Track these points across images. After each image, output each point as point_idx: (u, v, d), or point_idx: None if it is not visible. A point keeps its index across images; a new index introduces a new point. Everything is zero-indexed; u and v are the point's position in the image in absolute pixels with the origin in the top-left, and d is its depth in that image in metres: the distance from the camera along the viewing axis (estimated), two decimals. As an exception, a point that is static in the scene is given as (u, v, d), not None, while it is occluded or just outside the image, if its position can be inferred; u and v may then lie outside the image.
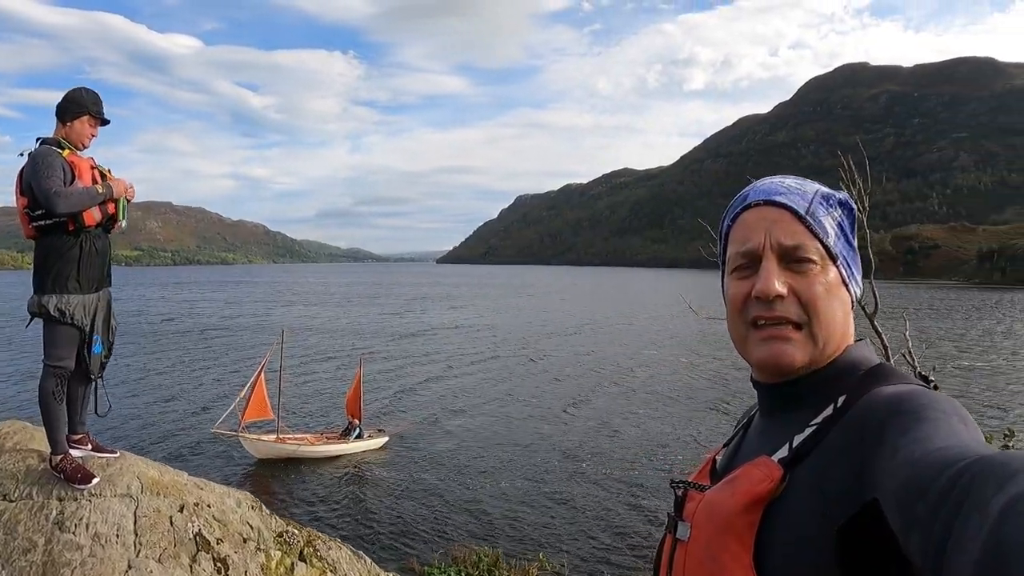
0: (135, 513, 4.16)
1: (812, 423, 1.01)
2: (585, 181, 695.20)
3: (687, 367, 36.47)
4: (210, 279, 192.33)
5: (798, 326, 1.06)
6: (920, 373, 1.10)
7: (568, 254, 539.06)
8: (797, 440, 1.00)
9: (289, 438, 21.52)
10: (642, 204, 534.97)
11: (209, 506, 4.65)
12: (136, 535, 4.04)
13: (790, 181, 1.15)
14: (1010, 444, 7.64)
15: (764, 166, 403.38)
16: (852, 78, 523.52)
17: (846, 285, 1.09)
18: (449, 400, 28.61)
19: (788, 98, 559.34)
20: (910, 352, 8.00)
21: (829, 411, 1.01)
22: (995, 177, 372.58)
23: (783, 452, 1.01)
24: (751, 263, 1.10)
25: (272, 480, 19.28)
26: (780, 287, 1.06)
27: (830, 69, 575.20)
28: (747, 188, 1.17)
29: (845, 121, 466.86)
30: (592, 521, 16.51)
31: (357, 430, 21.99)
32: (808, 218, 1.08)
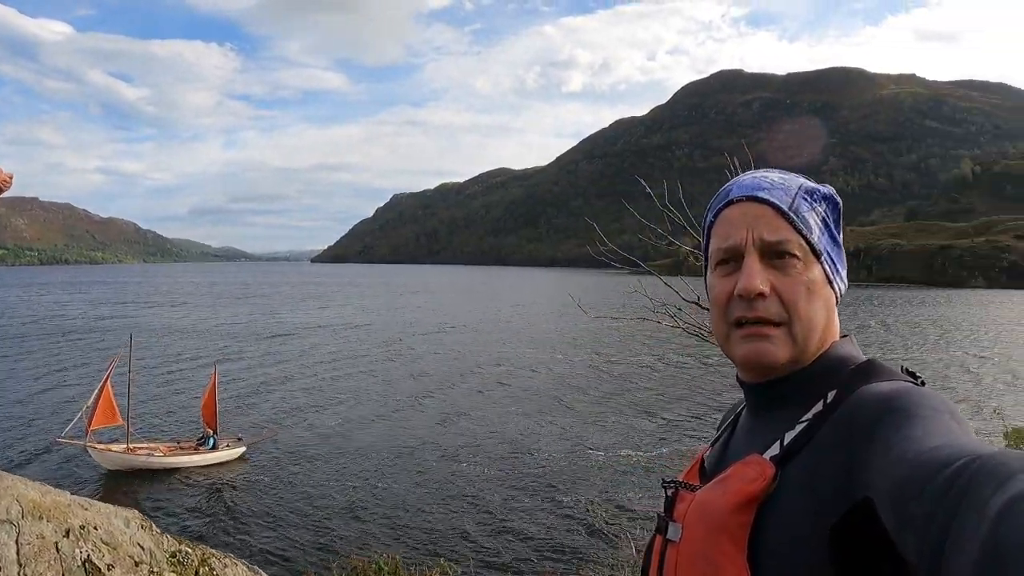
0: (17, 541, 3.81)
1: (803, 420, 0.99)
2: (462, 180, 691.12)
3: (558, 363, 36.27)
4: (78, 279, 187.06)
5: (779, 324, 1.04)
6: (907, 369, 1.05)
7: (444, 253, 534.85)
8: (788, 437, 0.98)
9: (140, 448, 20.69)
10: (518, 204, 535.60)
11: (96, 528, 4.33)
12: (20, 566, 3.70)
13: (774, 176, 1.12)
14: None
15: (639, 167, 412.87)
16: (727, 84, 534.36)
17: (830, 282, 1.07)
18: (315, 403, 27.83)
19: (664, 101, 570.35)
20: None
21: (819, 407, 0.99)
22: (862, 181, 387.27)
23: (774, 450, 0.99)
24: (734, 260, 1.08)
25: (144, 493, 18.41)
26: (762, 285, 1.03)
27: (706, 75, 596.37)
28: (730, 183, 1.15)
29: (719, 126, 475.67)
30: (478, 519, 16.40)
31: (211, 440, 21.15)
32: (791, 214, 1.05)
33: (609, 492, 17.19)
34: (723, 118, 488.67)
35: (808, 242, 1.05)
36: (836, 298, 1.09)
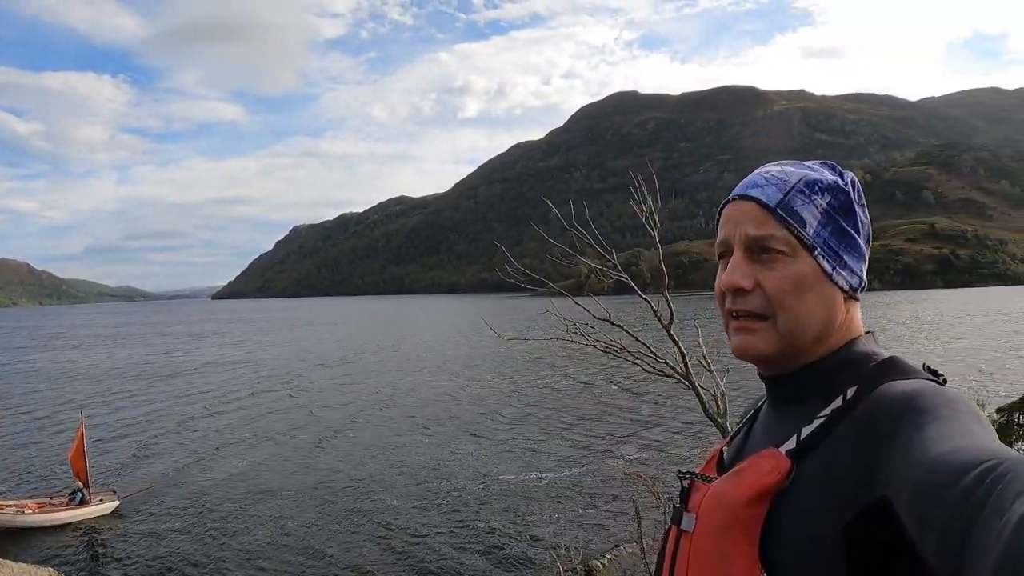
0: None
1: (820, 415, 0.99)
2: (361, 210, 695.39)
3: (467, 388, 35.75)
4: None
5: (764, 317, 1.05)
6: (928, 367, 1.04)
7: (346, 284, 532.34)
8: (805, 432, 0.98)
9: (7, 505, 19.20)
10: (418, 231, 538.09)
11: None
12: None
13: (775, 170, 1.13)
14: None
15: (538, 190, 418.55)
16: (622, 106, 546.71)
17: (829, 276, 1.06)
18: (209, 445, 26.16)
19: (561, 125, 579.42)
20: (704, 357, 8.96)
21: (838, 403, 0.99)
22: None
23: (790, 444, 0.99)
24: (727, 255, 1.11)
25: (35, 551, 17.21)
26: (741, 280, 1.06)
27: (601, 97, 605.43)
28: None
29: (615, 146, 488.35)
30: (386, 556, 15.84)
31: (80, 494, 19.57)
32: (778, 210, 1.06)
33: (521, 517, 16.97)
34: (619, 139, 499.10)
35: (797, 237, 1.05)
36: (845, 292, 1.08)
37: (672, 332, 9.81)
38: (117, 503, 20.16)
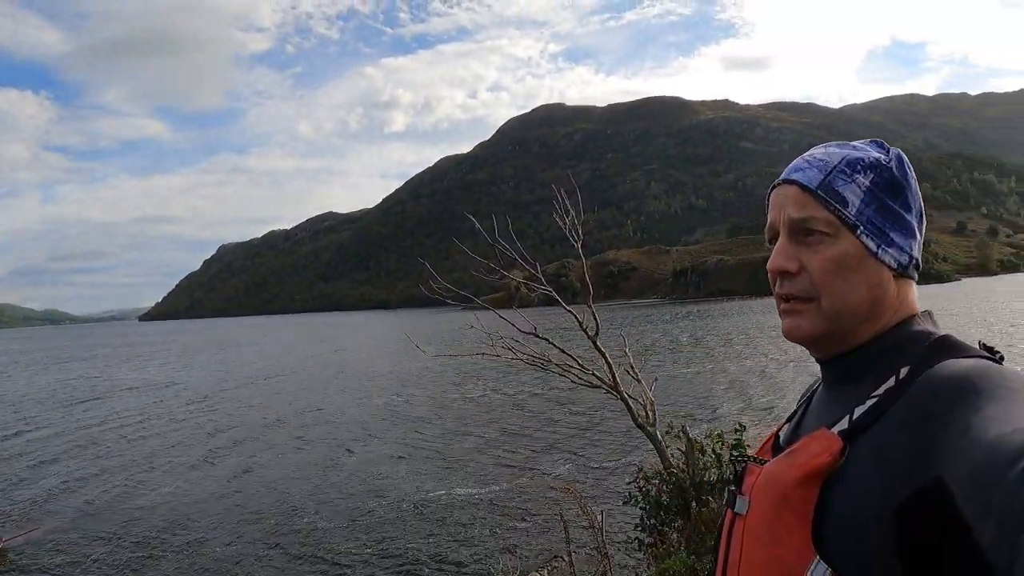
0: None
1: (873, 395, 0.97)
2: (289, 227, 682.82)
3: (394, 405, 34.50)
4: None
5: (810, 299, 1.05)
6: (984, 344, 1.02)
7: (275, 302, 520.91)
8: (857, 412, 0.97)
9: None
10: (347, 247, 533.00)
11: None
12: None
13: (819, 152, 1.12)
14: (742, 438, 8.10)
15: (466, 204, 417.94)
16: (548, 118, 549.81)
17: (874, 254, 1.04)
18: (120, 474, 24.05)
19: (488, 138, 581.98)
20: (632, 367, 9.34)
21: (891, 383, 0.97)
22: (684, 203, 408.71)
23: (843, 424, 0.97)
24: (774, 240, 1.12)
25: None
26: (786, 263, 1.06)
27: (528, 110, 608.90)
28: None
29: (543, 158, 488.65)
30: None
31: None
32: (819, 191, 1.05)
33: (451, 535, 16.58)
34: (546, 151, 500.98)
35: (839, 216, 1.04)
36: (894, 271, 1.06)
37: (598, 343, 9.87)
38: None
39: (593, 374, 9.59)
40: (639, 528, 8.24)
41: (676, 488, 8.00)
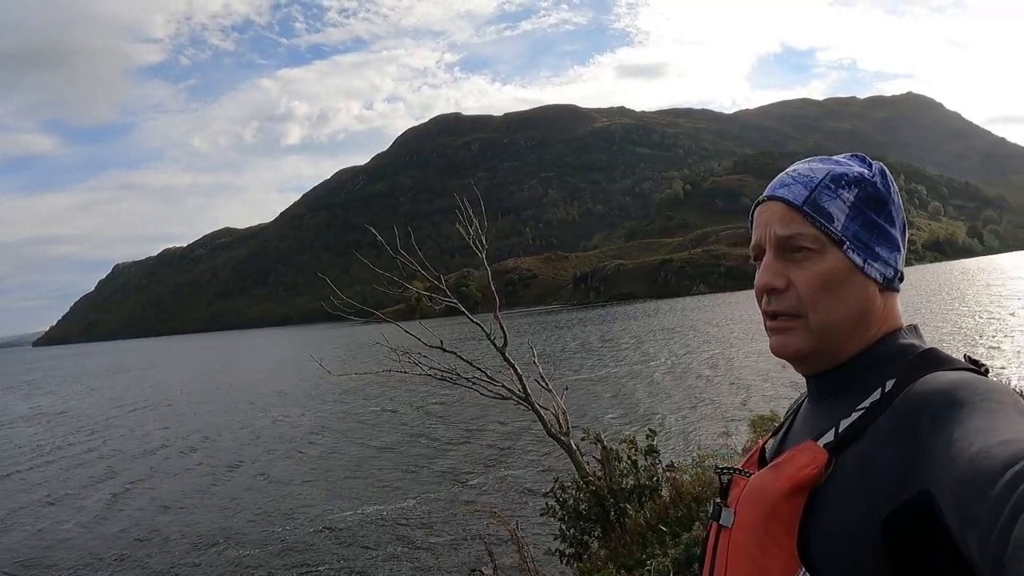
0: None
1: (859, 408, 0.99)
2: (185, 244, 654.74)
3: (289, 426, 33.56)
4: None
5: (798, 316, 1.06)
6: (970, 357, 1.04)
7: (174, 322, 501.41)
8: (843, 425, 0.98)
9: None
10: (245, 263, 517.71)
11: None
12: None
13: (802, 167, 1.13)
14: (654, 443, 8.48)
15: (364, 216, 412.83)
16: (446, 128, 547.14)
17: (860, 269, 1.05)
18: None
19: (385, 149, 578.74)
20: (542, 376, 9.39)
21: (877, 396, 0.98)
22: (582, 209, 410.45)
23: (829, 437, 0.99)
24: (760, 257, 1.12)
25: None
26: (773, 280, 1.07)
27: (425, 120, 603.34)
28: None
29: (441, 169, 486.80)
30: None
31: None
32: (805, 208, 1.06)
33: (362, 558, 16.32)
34: (444, 160, 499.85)
35: (825, 232, 1.05)
36: (880, 284, 1.07)
37: (507, 354, 9.73)
38: None
39: (503, 386, 9.46)
40: (559, 539, 8.12)
41: (594, 497, 7.91)
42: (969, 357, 1.04)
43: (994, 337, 32.09)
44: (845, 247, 1.04)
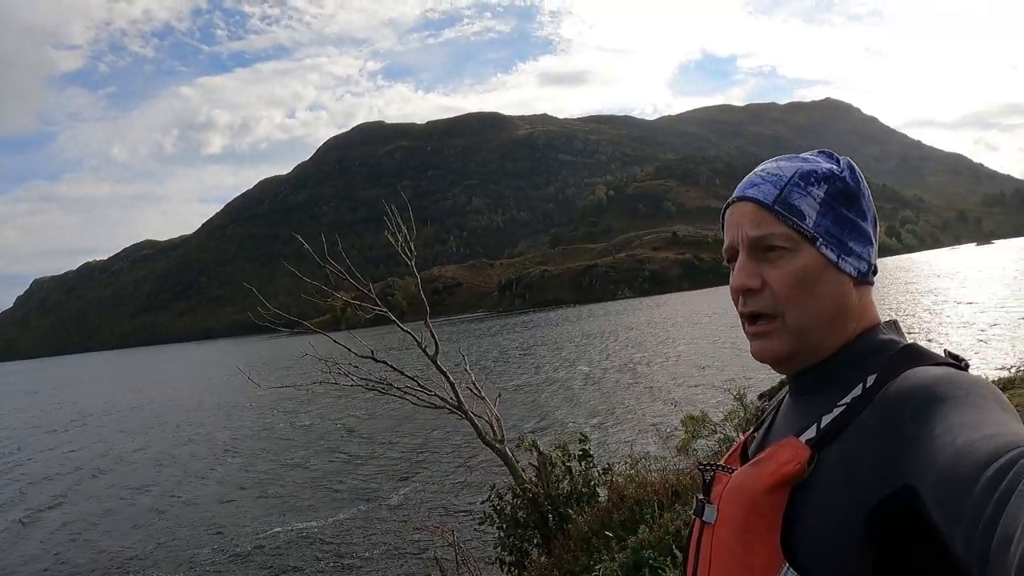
0: None
1: (840, 404, 0.99)
2: (105, 257, 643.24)
3: (215, 443, 32.44)
4: None
5: (775, 316, 1.06)
6: (950, 352, 1.04)
7: (96, 338, 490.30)
8: (825, 421, 0.98)
9: None
10: (167, 276, 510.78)
11: None
12: None
13: (771, 167, 1.12)
14: (587, 447, 8.53)
15: (287, 226, 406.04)
16: (369, 136, 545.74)
17: (835, 264, 1.05)
18: None
19: (308, 158, 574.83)
20: (474, 384, 9.48)
21: (858, 391, 0.98)
22: (506, 216, 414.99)
23: (811, 433, 0.99)
24: (733, 259, 1.11)
25: None
26: (748, 280, 1.06)
27: (348, 129, 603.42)
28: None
29: (364, 177, 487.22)
30: None
31: None
32: (776, 206, 1.06)
33: (299, 571, 16.03)
34: (367, 169, 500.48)
35: (797, 230, 1.05)
36: (854, 279, 1.07)
37: (439, 363, 9.64)
38: None
39: (436, 394, 9.40)
40: (499, 547, 8.07)
41: (531, 503, 7.88)
42: (949, 352, 1.04)
43: (914, 334, 33.12)
44: (818, 243, 1.04)
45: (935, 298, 50.38)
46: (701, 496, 1.16)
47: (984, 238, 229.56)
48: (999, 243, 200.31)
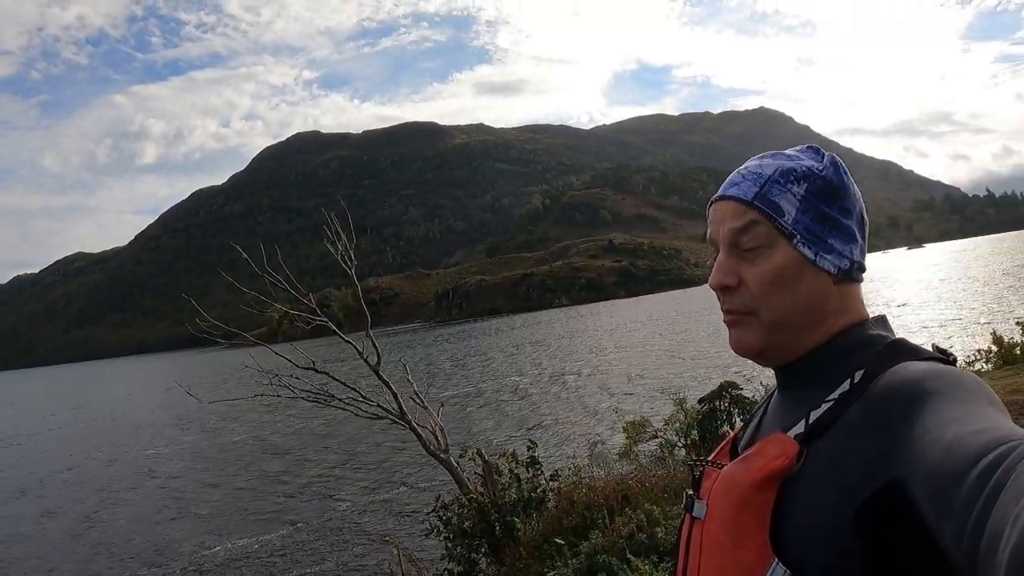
0: None
1: (828, 399, 0.99)
2: (37, 270, 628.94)
3: (156, 458, 31.35)
4: None
5: (750, 313, 1.06)
6: (937, 347, 1.03)
7: (28, 354, 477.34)
8: (813, 416, 0.98)
9: None
10: (100, 289, 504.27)
11: None
12: None
13: (752, 165, 1.13)
14: (535, 454, 8.57)
15: (223, 237, 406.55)
16: (304, 146, 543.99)
17: (812, 262, 1.05)
18: None
19: (243, 168, 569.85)
20: (417, 394, 9.50)
21: (846, 387, 0.98)
22: (443, 226, 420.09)
23: (799, 428, 0.99)
24: (715, 257, 1.12)
25: None
26: (725, 278, 1.07)
27: (283, 138, 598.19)
28: None
29: (300, 187, 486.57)
30: None
31: None
32: (756, 202, 1.06)
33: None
34: (303, 179, 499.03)
35: (776, 226, 1.05)
36: (834, 276, 1.06)
37: (381, 373, 9.57)
38: None
39: (378, 405, 9.34)
40: (447, 558, 8.01)
41: (478, 512, 7.84)
42: (937, 347, 1.04)
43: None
44: (795, 241, 1.05)
45: (865, 300, 51.66)
46: (691, 492, 1.15)
47: (915, 242, 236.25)
48: (929, 247, 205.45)
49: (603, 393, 28.85)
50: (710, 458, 1.20)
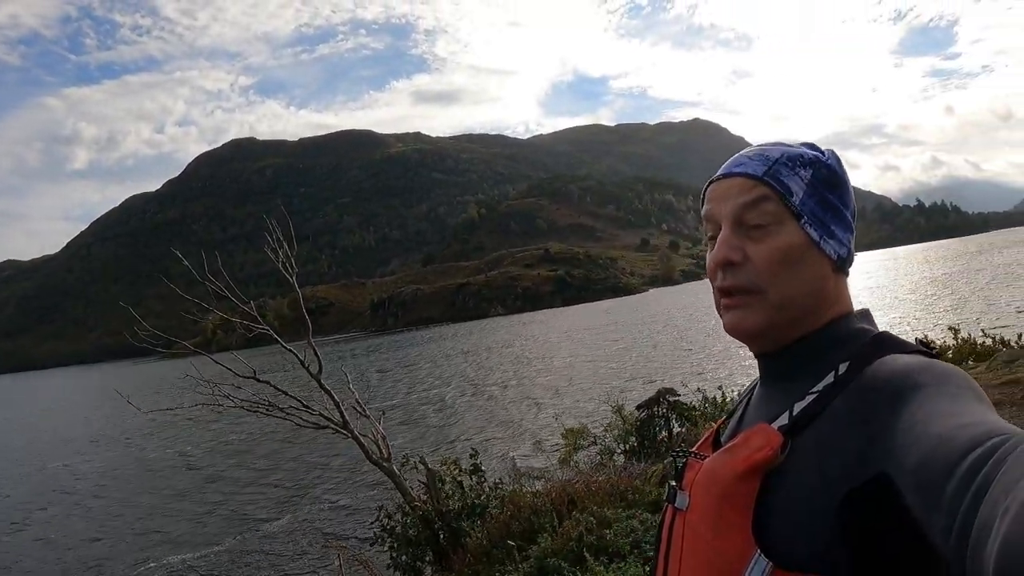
0: None
1: (812, 390, 0.98)
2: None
3: (89, 471, 30.60)
4: None
5: (754, 292, 1.04)
6: (921, 341, 1.04)
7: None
8: (797, 408, 0.98)
9: None
10: (30, 299, 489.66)
11: None
12: None
13: (757, 149, 1.12)
14: (478, 462, 8.74)
15: (156, 245, 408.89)
16: (240, 153, 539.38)
17: (817, 244, 1.04)
18: None
19: (177, 175, 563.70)
20: (358, 402, 9.43)
21: (830, 378, 0.97)
22: (378, 235, 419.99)
23: (783, 420, 0.98)
24: (716, 234, 1.10)
25: None
26: (730, 253, 1.05)
27: (218, 145, 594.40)
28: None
29: (234, 195, 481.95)
30: None
31: None
32: (767, 178, 1.05)
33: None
34: (238, 187, 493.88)
35: (786, 205, 1.04)
36: (833, 265, 1.06)
37: (323, 382, 9.53)
38: None
39: (320, 414, 9.28)
40: (392, 567, 8.04)
41: (422, 520, 7.88)
42: (921, 340, 1.05)
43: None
44: (803, 221, 1.04)
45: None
46: (673, 482, 1.15)
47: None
48: (860, 255, 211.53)
49: (541, 402, 28.94)
50: (693, 449, 1.20)
